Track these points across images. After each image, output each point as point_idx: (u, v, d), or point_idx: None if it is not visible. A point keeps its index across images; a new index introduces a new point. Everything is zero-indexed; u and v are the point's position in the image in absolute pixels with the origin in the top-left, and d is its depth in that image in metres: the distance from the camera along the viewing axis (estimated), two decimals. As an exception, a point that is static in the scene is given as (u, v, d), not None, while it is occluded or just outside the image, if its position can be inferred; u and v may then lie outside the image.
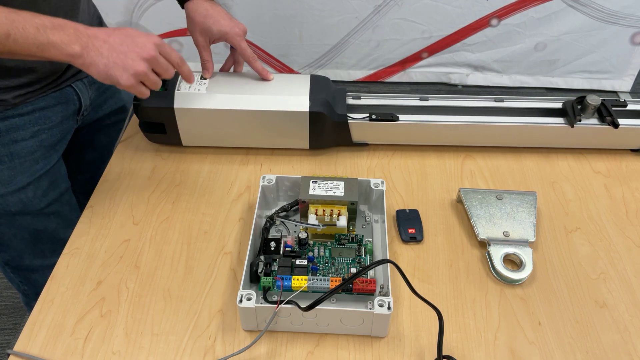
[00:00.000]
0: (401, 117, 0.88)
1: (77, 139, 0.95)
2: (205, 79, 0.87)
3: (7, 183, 0.83)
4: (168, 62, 0.73)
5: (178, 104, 0.84)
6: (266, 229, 0.75)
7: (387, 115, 0.88)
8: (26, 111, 0.82)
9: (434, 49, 2.27)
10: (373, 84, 2.39)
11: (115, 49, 0.69)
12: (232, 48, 0.91)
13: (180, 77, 0.87)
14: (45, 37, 0.65)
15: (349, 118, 0.88)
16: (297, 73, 2.31)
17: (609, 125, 0.88)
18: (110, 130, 1.02)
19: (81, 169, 1.02)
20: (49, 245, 0.93)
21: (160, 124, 0.88)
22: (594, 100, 0.87)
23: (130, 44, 0.70)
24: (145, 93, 0.74)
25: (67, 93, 0.87)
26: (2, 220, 0.87)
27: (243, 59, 0.90)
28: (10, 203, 0.85)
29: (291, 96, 0.85)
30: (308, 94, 0.85)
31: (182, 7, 0.89)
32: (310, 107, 0.84)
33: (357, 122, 0.88)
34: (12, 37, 0.64)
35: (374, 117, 0.88)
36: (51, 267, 0.74)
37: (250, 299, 0.63)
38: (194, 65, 0.88)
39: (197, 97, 0.85)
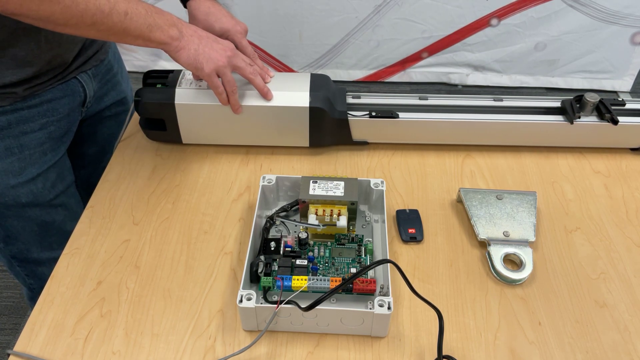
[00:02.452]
0: (401, 115, 0.88)
1: (80, 132, 0.97)
2: None
3: (18, 174, 0.85)
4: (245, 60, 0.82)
5: (179, 99, 0.84)
6: (266, 229, 0.75)
7: (387, 112, 0.88)
8: (34, 103, 0.83)
9: (434, 49, 2.27)
10: (373, 83, 2.39)
11: (203, 39, 0.78)
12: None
13: (182, 73, 0.87)
14: (153, 19, 0.73)
15: (349, 115, 0.88)
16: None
17: (608, 122, 0.88)
18: (110, 122, 1.03)
19: (82, 163, 1.03)
20: (56, 237, 0.94)
21: (160, 120, 0.88)
22: (592, 98, 0.88)
23: (213, 40, 0.79)
24: (218, 85, 0.81)
25: (73, 85, 0.88)
26: (11, 212, 0.88)
27: None
28: (20, 194, 0.86)
29: (291, 92, 0.85)
30: (308, 90, 0.85)
31: (185, 6, 0.90)
32: (310, 102, 0.84)
33: (357, 120, 0.88)
34: (129, 15, 0.70)
35: (373, 114, 0.88)
36: (58, 259, 0.75)
37: (250, 299, 0.63)
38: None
39: (197, 93, 0.85)
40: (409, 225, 0.78)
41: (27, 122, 0.83)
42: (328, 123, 0.87)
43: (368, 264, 0.70)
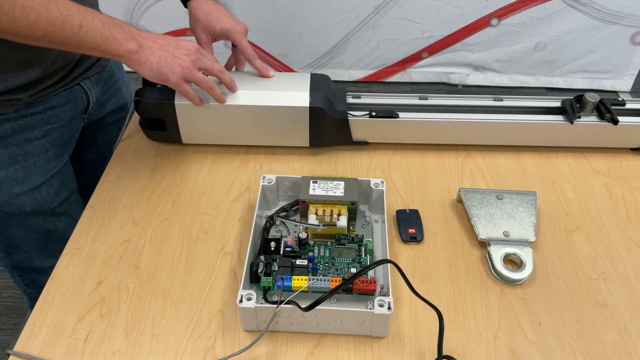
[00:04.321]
0: (401, 115, 0.88)
1: (81, 138, 0.96)
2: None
3: (22, 182, 0.84)
4: (211, 60, 0.81)
5: (179, 99, 0.84)
6: (266, 229, 0.75)
7: (387, 112, 0.88)
8: (38, 110, 0.83)
9: (434, 49, 2.27)
10: (373, 83, 2.39)
11: (164, 48, 0.76)
12: (233, 47, 0.92)
13: None
14: (110, 32, 0.71)
15: (349, 115, 0.88)
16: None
17: (608, 122, 0.88)
18: (111, 128, 1.03)
19: (83, 168, 1.02)
20: (59, 245, 0.93)
21: (160, 120, 0.88)
22: (592, 98, 0.88)
23: (175, 45, 0.77)
24: (188, 91, 0.80)
25: (76, 91, 0.88)
26: (14, 221, 0.88)
27: (244, 57, 0.91)
28: (25, 203, 0.86)
29: (292, 92, 0.85)
30: (308, 90, 0.85)
31: (185, 6, 0.90)
32: (310, 102, 0.84)
33: (357, 120, 0.88)
34: (84, 28, 0.69)
35: (373, 114, 0.88)
36: None
37: (250, 299, 0.63)
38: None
39: (197, 92, 0.85)
40: (409, 225, 0.78)
41: (31, 130, 0.83)
42: (328, 123, 0.87)
43: (368, 264, 0.70)
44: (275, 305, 0.62)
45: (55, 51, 0.80)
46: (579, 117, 0.88)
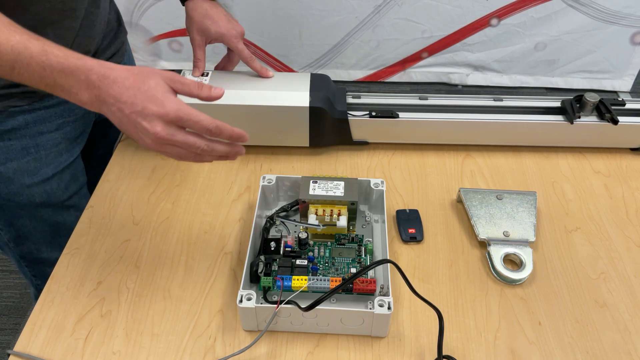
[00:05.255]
0: (401, 115, 0.88)
1: (92, 133, 0.97)
2: (200, 76, 0.87)
3: (33, 174, 0.85)
4: (193, 120, 0.63)
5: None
6: (266, 229, 0.75)
7: (387, 112, 0.88)
8: (52, 104, 0.83)
9: (434, 49, 2.27)
10: (373, 83, 2.39)
11: (124, 113, 0.60)
12: (229, 48, 0.92)
13: (181, 72, 0.87)
14: (52, 79, 0.59)
15: (349, 115, 0.88)
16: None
17: (608, 122, 0.88)
18: None
19: (92, 164, 1.03)
20: (67, 238, 0.94)
21: None
22: (592, 98, 0.88)
23: (141, 110, 0.59)
24: (172, 153, 0.63)
25: None
26: (24, 212, 0.88)
27: (241, 60, 0.91)
28: (35, 194, 0.86)
29: (291, 92, 0.85)
30: (308, 90, 0.85)
31: (183, 5, 0.89)
32: (310, 102, 0.84)
33: (357, 119, 0.88)
34: (17, 70, 0.59)
35: (373, 114, 0.88)
36: None
37: (250, 299, 0.63)
38: (188, 65, 0.89)
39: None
40: (409, 225, 0.78)
41: (44, 122, 0.83)
42: (328, 123, 0.87)
43: (368, 264, 0.70)
44: (275, 305, 0.62)
45: (68, 41, 0.79)
46: (579, 117, 0.88)
